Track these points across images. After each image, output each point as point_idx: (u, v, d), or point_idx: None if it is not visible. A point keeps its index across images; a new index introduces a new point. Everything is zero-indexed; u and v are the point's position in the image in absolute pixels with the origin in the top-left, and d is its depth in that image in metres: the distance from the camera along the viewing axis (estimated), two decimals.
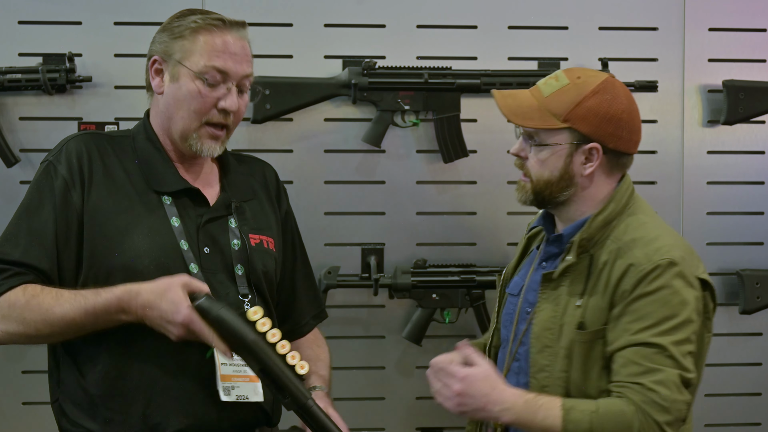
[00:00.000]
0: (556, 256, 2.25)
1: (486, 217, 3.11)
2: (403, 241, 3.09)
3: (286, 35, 3.04)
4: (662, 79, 3.10)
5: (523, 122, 2.19)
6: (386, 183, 3.08)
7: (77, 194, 2.12)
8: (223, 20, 2.18)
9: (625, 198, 2.22)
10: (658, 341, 2.06)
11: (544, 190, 2.21)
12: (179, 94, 2.16)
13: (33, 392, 2.96)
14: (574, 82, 2.19)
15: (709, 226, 3.14)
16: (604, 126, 2.18)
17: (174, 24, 2.20)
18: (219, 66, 2.14)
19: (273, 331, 2.00)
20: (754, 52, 3.16)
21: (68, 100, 2.96)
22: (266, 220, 2.31)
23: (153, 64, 2.21)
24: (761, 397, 3.21)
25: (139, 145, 2.22)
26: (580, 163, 2.19)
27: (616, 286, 2.11)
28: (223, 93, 2.16)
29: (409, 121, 3.05)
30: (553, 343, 2.17)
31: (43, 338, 2.09)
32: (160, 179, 2.18)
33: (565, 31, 3.11)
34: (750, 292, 3.10)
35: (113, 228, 2.11)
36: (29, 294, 2.05)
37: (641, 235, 2.15)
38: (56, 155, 2.17)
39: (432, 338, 3.09)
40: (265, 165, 2.43)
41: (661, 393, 2.04)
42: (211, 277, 2.14)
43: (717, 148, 3.17)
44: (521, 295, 2.29)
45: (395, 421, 3.12)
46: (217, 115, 2.18)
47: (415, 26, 3.07)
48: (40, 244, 2.09)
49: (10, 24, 2.94)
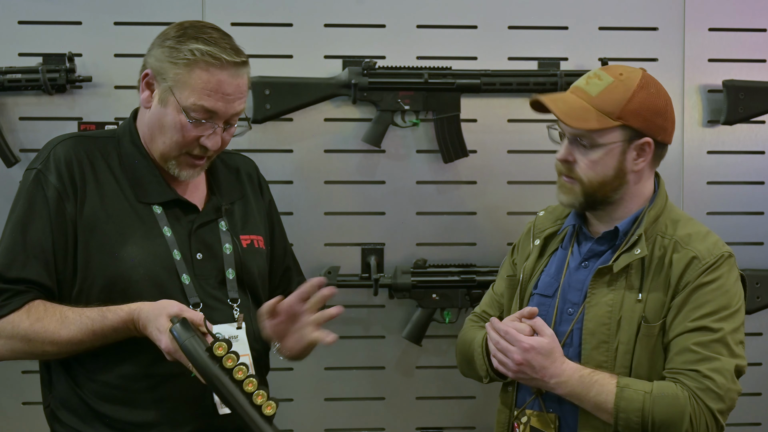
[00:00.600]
0: (602, 253, 2.24)
1: (486, 217, 3.11)
2: (403, 241, 3.09)
3: (286, 35, 3.03)
4: (662, 79, 3.03)
5: (581, 124, 2.15)
6: (386, 183, 3.08)
7: (71, 204, 2.09)
8: (222, 60, 2.09)
9: (665, 194, 2.27)
10: (716, 326, 2.11)
11: (597, 192, 2.20)
12: (164, 121, 2.12)
13: (33, 392, 2.95)
14: (619, 79, 2.18)
15: (709, 226, 3.10)
16: (655, 119, 2.20)
17: (174, 45, 2.12)
18: (208, 106, 2.10)
19: (239, 368, 1.96)
20: (754, 52, 3.15)
21: (68, 100, 2.96)
22: (254, 218, 2.31)
23: (145, 77, 2.15)
24: (761, 397, 3.21)
25: (125, 149, 2.18)
26: (632, 160, 2.19)
27: (679, 279, 2.15)
28: (207, 131, 2.12)
29: (409, 121, 3.05)
30: (609, 338, 2.17)
31: (50, 356, 2.10)
32: (147, 190, 2.16)
33: (565, 31, 3.11)
34: (750, 292, 3.11)
35: (108, 239, 2.09)
36: (33, 317, 2.04)
37: (696, 230, 2.21)
38: (44, 163, 2.12)
39: (432, 338, 3.09)
40: (246, 160, 2.42)
41: (717, 381, 2.09)
42: (205, 284, 2.14)
43: (717, 148, 3.17)
44: (557, 296, 2.26)
45: (395, 421, 3.12)
46: (198, 149, 2.14)
47: (415, 26, 3.07)
48: (39, 259, 2.07)
49: (10, 24, 2.94)
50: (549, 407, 2.23)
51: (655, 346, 2.15)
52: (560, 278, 2.28)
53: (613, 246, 2.23)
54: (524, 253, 2.41)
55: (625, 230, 2.22)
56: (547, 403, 2.23)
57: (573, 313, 2.23)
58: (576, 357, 2.20)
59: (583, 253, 2.27)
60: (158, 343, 1.99)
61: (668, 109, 2.24)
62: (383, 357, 3.11)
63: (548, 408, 2.23)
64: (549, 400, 2.23)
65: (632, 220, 2.22)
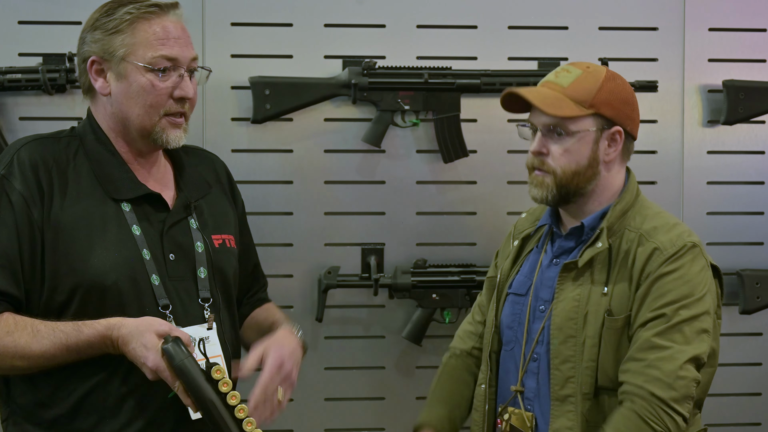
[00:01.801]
0: (571, 250, 2.26)
1: (486, 217, 3.11)
2: (403, 241, 3.09)
3: (286, 35, 3.03)
4: (662, 79, 3.10)
5: (557, 111, 2.20)
6: (386, 183, 3.08)
7: (37, 210, 2.02)
8: (158, 5, 2.08)
9: (635, 189, 2.29)
10: (672, 314, 2.11)
11: (570, 182, 2.22)
12: (130, 91, 2.07)
13: None
14: (587, 71, 2.25)
15: (709, 226, 3.13)
16: (624, 108, 2.24)
17: (105, 20, 2.08)
18: (167, 54, 2.06)
19: (233, 393, 1.94)
20: (754, 52, 3.15)
21: (68, 100, 2.95)
22: (224, 216, 2.26)
23: (92, 65, 2.09)
24: (761, 397, 3.21)
25: (90, 147, 2.12)
26: (604, 149, 2.23)
27: (641, 271, 2.16)
28: (176, 81, 2.08)
29: (409, 121, 3.05)
30: (576, 332, 2.18)
31: (19, 371, 2.01)
32: (117, 186, 2.09)
33: (565, 31, 3.11)
34: (750, 292, 3.10)
35: (75, 244, 2.02)
36: (2, 330, 1.96)
37: (662, 223, 2.22)
38: (8, 168, 2.04)
39: (432, 338, 3.09)
40: (214, 158, 2.36)
41: (663, 369, 2.08)
42: (178, 285, 2.10)
43: (717, 148, 3.16)
44: (530, 294, 2.29)
45: (395, 421, 3.12)
46: (174, 104, 2.09)
47: (415, 26, 3.07)
48: (6, 268, 1.99)
49: (10, 24, 2.93)
50: (527, 406, 2.25)
51: (620, 340, 2.16)
52: (533, 277, 2.30)
53: (580, 242, 2.25)
54: (504, 255, 2.44)
55: (592, 225, 2.24)
56: (526, 402, 2.25)
57: (544, 310, 2.25)
58: (546, 354, 2.22)
59: (554, 251, 2.30)
60: (143, 359, 1.92)
61: (634, 101, 2.29)
62: (383, 357, 3.11)
63: (526, 406, 2.25)
64: (527, 398, 2.25)
65: (599, 215, 2.24)
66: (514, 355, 2.30)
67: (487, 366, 2.35)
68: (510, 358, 2.32)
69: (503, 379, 2.33)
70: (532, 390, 2.26)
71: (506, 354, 2.34)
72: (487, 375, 2.35)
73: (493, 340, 2.36)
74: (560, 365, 2.20)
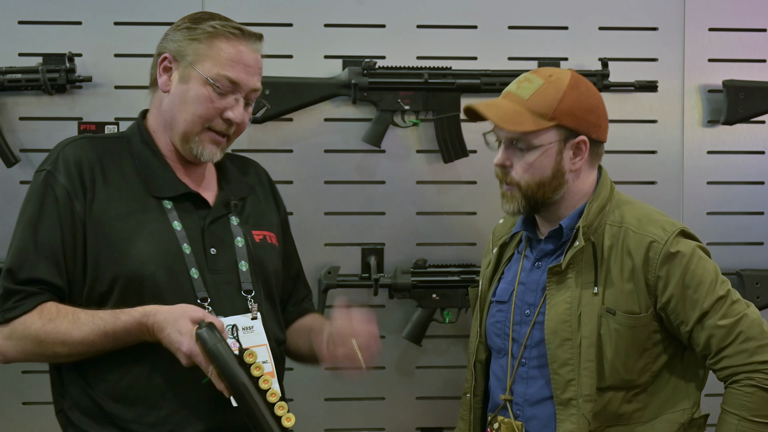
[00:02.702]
0: (552, 252, 2.25)
1: (486, 217, 3.11)
2: (403, 241, 3.09)
3: (286, 35, 3.03)
4: (662, 79, 3.10)
5: (516, 127, 2.18)
6: (386, 183, 3.08)
7: (80, 204, 2.10)
8: (242, 30, 2.18)
9: (609, 184, 2.27)
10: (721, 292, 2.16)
11: (536, 193, 2.21)
12: (187, 96, 2.15)
13: (33, 392, 2.96)
14: (549, 81, 2.21)
15: (709, 226, 3.13)
16: (587, 117, 2.21)
17: (191, 25, 2.18)
18: (231, 76, 2.14)
19: (265, 378, 1.98)
20: (754, 52, 3.15)
21: (68, 100, 2.95)
22: (267, 216, 2.32)
23: (162, 61, 2.19)
24: None
25: (136, 148, 2.20)
26: (569, 159, 2.21)
27: (644, 264, 2.16)
28: (231, 103, 2.16)
29: (409, 121, 3.05)
30: (572, 335, 2.18)
31: (61, 358, 2.10)
32: (159, 184, 2.17)
33: (565, 31, 3.11)
34: (750, 292, 3.10)
35: (116, 236, 2.10)
36: (45, 317, 2.04)
37: (643, 214, 2.23)
38: (53, 164, 2.14)
39: (432, 338, 3.09)
40: (255, 164, 2.44)
41: (754, 335, 2.14)
42: (218, 278, 2.15)
43: (717, 148, 3.16)
44: (513, 300, 2.28)
45: (395, 421, 3.12)
46: (221, 123, 2.17)
47: (415, 26, 3.07)
48: (50, 259, 2.08)
49: (10, 24, 2.94)
50: (517, 413, 2.25)
51: (634, 337, 2.18)
52: (515, 283, 2.30)
53: (561, 244, 2.25)
54: (485, 263, 2.44)
55: (570, 225, 2.24)
56: (515, 409, 2.25)
57: (531, 314, 2.25)
58: (537, 358, 2.23)
59: (535, 255, 2.29)
60: (178, 345, 1.98)
61: (599, 106, 2.26)
62: (383, 357, 3.11)
63: (516, 414, 2.24)
64: (517, 405, 2.26)
65: (576, 215, 2.24)
66: (502, 363, 2.30)
67: (472, 375, 2.37)
68: (498, 366, 2.32)
69: (492, 388, 2.34)
70: (521, 395, 2.25)
71: (495, 363, 2.34)
72: (471, 384, 2.37)
73: (479, 349, 2.36)
74: (559, 369, 2.20)
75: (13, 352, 2.08)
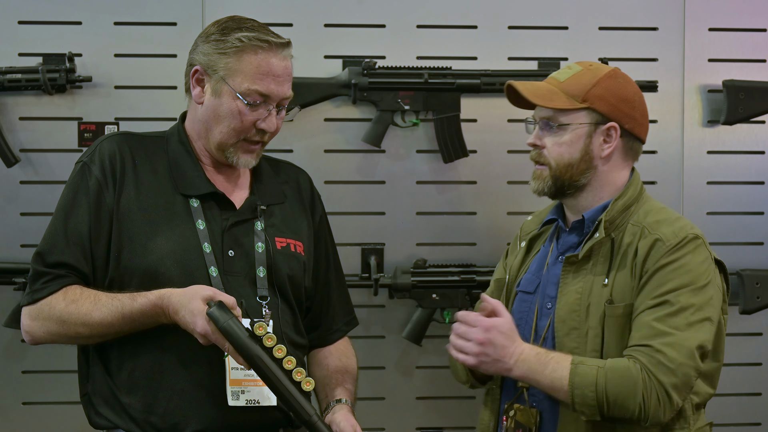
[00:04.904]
0: (576, 245, 2.27)
1: (486, 217, 3.11)
2: (403, 241, 3.09)
3: (286, 35, 3.00)
4: (662, 79, 3.10)
5: (546, 103, 2.23)
6: (386, 183, 3.08)
7: (110, 195, 2.17)
8: (269, 42, 2.19)
9: (640, 186, 2.30)
10: (674, 300, 2.12)
11: (564, 174, 2.25)
12: (220, 110, 2.19)
13: (33, 392, 2.97)
14: (588, 69, 2.28)
15: (709, 226, 3.13)
16: (620, 105, 2.25)
17: (219, 37, 2.20)
18: (261, 90, 2.17)
19: (279, 347, 2.03)
20: (754, 52, 3.16)
21: (68, 100, 2.96)
22: (296, 224, 2.34)
23: (194, 74, 2.22)
24: (761, 397, 3.21)
25: (172, 147, 2.26)
26: (599, 144, 2.25)
27: (643, 261, 2.17)
28: (263, 114, 2.20)
29: (409, 121, 3.05)
30: (580, 324, 2.20)
31: (83, 339, 2.16)
32: (188, 183, 2.22)
33: (565, 31, 3.11)
34: (750, 292, 3.10)
35: (139, 229, 2.16)
36: (69, 298, 2.12)
37: (664, 217, 2.23)
38: (90, 156, 2.22)
39: (432, 338, 3.09)
40: (299, 171, 2.45)
41: (668, 355, 2.09)
42: (233, 280, 2.18)
43: (717, 148, 3.17)
44: (537, 293, 2.30)
45: (395, 421, 3.12)
46: (256, 133, 2.22)
47: (415, 26, 3.07)
48: (78, 245, 2.15)
49: (10, 24, 2.94)
50: (533, 402, 2.25)
51: (623, 328, 2.17)
52: (541, 275, 2.31)
53: (583, 236, 2.27)
54: (512, 256, 2.45)
55: (593, 218, 2.25)
56: (531, 398, 2.26)
57: (551, 307, 2.26)
58: (551, 349, 2.22)
59: (559, 248, 2.31)
60: (192, 326, 2.02)
61: (636, 99, 2.28)
62: (383, 357, 3.11)
63: (531, 402, 2.25)
64: (533, 395, 2.25)
65: (600, 209, 2.26)
66: None
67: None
68: None
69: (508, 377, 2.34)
70: None
71: None
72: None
73: None
74: None
75: (40, 333, 2.16)
